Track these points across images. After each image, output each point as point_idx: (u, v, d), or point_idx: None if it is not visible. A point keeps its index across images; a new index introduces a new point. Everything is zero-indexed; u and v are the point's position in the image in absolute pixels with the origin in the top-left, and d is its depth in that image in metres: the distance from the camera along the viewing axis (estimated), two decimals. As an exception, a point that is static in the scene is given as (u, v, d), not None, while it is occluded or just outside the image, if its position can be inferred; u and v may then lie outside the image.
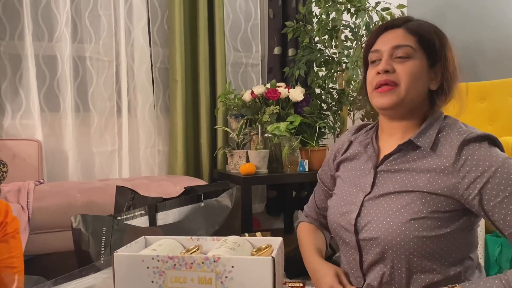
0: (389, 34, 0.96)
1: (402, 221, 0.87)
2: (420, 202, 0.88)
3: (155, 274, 0.78)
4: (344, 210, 1.00)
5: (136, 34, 2.60)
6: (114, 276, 0.80)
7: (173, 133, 2.63)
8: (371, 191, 0.96)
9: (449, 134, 0.91)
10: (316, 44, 2.68)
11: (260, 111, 2.52)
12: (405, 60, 0.93)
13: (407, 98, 0.92)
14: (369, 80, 0.98)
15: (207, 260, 0.76)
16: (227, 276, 0.76)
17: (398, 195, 0.91)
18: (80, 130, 2.52)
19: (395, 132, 0.99)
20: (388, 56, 0.94)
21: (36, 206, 1.84)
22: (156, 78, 2.71)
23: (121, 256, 0.80)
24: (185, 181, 2.20)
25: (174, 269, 0.77)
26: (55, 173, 2.46)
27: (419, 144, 0.92)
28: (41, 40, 2.45)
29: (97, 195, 1.98)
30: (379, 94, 0.94)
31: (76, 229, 1.50)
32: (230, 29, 2.91)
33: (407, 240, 0.86)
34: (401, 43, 0.93)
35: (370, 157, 1.00)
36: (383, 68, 0.93)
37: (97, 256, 1.47)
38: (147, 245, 0.91)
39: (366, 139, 1.04)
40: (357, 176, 1.02)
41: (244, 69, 2.97)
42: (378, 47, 0.96)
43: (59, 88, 2.47)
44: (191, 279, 0.77)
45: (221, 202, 1.67)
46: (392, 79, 0.92)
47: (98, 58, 2.56)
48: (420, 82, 0.93)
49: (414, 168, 0.92)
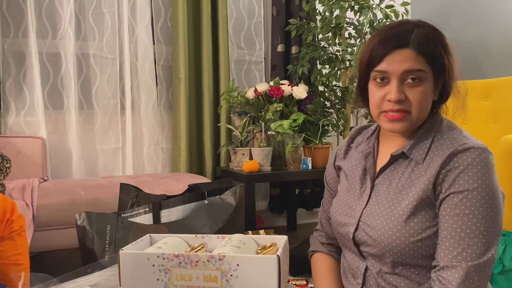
0: (398, 55, 0.89)
1: (400, 230, 0.88)
2: (416, 211, 0.88)
3: (160, 272, 0.78)
4: (342, 221, 0.99)
5: (139, 31, 2.60)
6: (119, 273, 0.80)
7: (176, 131, 2.63)
8: (367, 204, 0.96)
9: (441, 143, 0.90)
10: (320, 41, 2.67)
11: (264, 109, 2.52)
12: (417, 85, 0.88)
13: (417, 121, 0.92)
14: (376, 102, 0.92)
15: (213, 258, 0.76)
16: (232, 274, 0.76)
17: (393, 207, 0.91)
18: (83, 128, 2.53)
19: (396, 138, 0.98)
20: (399, 81, 0.88)
21: (40, 203, 1.85)
22: (160, 75, 2.71)
23: (126, 254, 0.80)
24: (188, 179, 2.21)
25: (180, 267, 0.78)
26: (59, 170, 2.47)
27: (412, 157, 0.92)
28: (45, 38, 2.45)
29: (101, 192, 1.98)
30: (390, 120, 0.91)
31: (80, 226, 1.50)
32: (234, 27, 2.91)
33: (404, 246, 0.87)
34: (413, 67, 0.88)
35: (369, 169, 0.99)
36: (396, 98, 0.88)
37: (102, 253, 1.47)
38: (152, 243, 0.92)
39: (368, 148, 1.02)
40: (355, 187, 1.01)
41: (247, 66, 2.97)
42: (386, 69, 0.90)
43: (63, 85, 2.48)
44: (196, 277, 0.77)
45: (224, 200, 1.67)
46: (403, 108, 0.89)
47: (101, 55, 2.56)
48: (428, 102, 0.92)
49: (406, 178, 0.92)
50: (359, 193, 0.99)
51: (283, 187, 2.97)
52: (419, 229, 0.86)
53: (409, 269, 0.89)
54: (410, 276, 0.89)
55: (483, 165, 0.84)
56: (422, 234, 0.86)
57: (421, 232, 0.86)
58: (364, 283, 0.96)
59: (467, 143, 0.86)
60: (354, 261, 0.98)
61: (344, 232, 0.98)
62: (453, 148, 0.86)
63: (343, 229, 0.99)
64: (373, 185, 0.97)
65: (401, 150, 0.93)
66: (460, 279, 0.80)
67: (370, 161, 0.99)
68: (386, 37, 0.91)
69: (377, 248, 0.91)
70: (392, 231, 0.88)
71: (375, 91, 0.93)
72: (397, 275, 0.90)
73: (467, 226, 0.82)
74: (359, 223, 0.95)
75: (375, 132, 1.04)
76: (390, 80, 0.90)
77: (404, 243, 0.87)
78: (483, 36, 2.83)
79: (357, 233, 0.95)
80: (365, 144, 1.04)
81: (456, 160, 0.85)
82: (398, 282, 0.90)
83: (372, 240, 0.91)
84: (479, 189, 0.83)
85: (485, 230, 0.82)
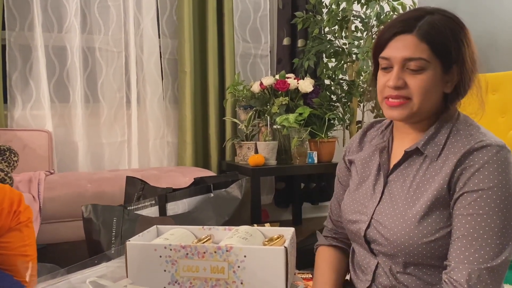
0: (400, 40, 0.87)
1: (413, 230, 0.85)
2: (430, 211, 0.85)
3: (167, 263, 0.78)
4: (354, 218, 0.97)
5: (145, 25, 2.59)
6: (126, 265, 0.80)
7: (182, 125, 2.63)
8: (380, 201, 0.93)
9: (457, 140, 0.86)
10: (326, 34, 2.65)
11: (269, 103, 2.51)
12: (418, 73, 0.85)
13: (420, 110, 0.88)
14: (380, 88, 0.91)
15: (220, 249, 0.76)
16: (240, 266, 0.76)
17: (406, 206, 0.88)
18: (89, 121, 2.53)
19: (410, 131, 0.94)
20: (399, 68, 0.86)
21: (47, 196, 1.86)
22: (165, 69, 2.71)
23: (133, 245, 0.80)
24: (194, 172, 2.21)
25: (187, 258, 0.78)
26: (65, 163, 2.47)
27: (426, 153, 0.89)
28: (51, 31, 2.45)
29: (107, 185, 1.99)
30: (389, 107, 0.89)
31: (87, 218, 1.51)
32: (239, 20, 2.89)
33: (417, 247, 0.85)
34: (413, 55, 0.85)
35: (383, 165, 0.96)
36: (393, 84, 0.86)
37: (108, 245, 1.48)
38: (159, 234, 0.92)
39: (383, 142, 0.99)
40: (368, 183, 0.98)
41: (253, 60, 2.96)
42: (388, 55, 0.88)
43: (68, 79, 2.48)
44: (203, 268, 0.77)
45: (230, 193, 1.67)
46: (403, 94, 0.86)
47: (107, 49, 2.56)
48: (434, 92, 0.87)
49: (421, 176, 0.89)
50: (372, 189, 0.97)
51: (288, 181, 2.96)
52: (433, 230, 0.84)
53: (421, 269, 0.87)
54: (422, 276, 0.87)
55: (500, 163, 0.81)
56: (435, 234, 0.84)
57: (434, 233, 0.84)
58: (374, 280, 0.94)
59: (484, 140, 0.83)
60: (365, 257, 0.96)
61: (356, 229, 0.96)
62: (469, 145, 0.83)
63: (354, 226, 0.97)
64: (387, 181, 0.94)
65: (415, 146, 0.90)
66: (472, 281, 0.77)
67: (385, 157, 0.97)
68: (395, 22, 0.89)
69: (389, 247, 0.88)
70: (405, 231, 0.86)
71: (380, 78, 0.91)
72: (408, 275, 0.88)
73: (480, 227, 0.79)
74: (371, 220, 0.93)
75: (390, 126, 1.01)
76: (393, 67, 0.88)
77: (417, 243, 0.84)
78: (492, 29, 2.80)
79: (369, 231, 0.93)
80: (379, 138, 1.01)
81: (472, 158, 0.82)
82: (409, 282, 0.88)
83: (384, 239, 0.89)
84: (495, 189, 0.80)
85: (499, 231, 0.79)
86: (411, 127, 0.93)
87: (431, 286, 0.87)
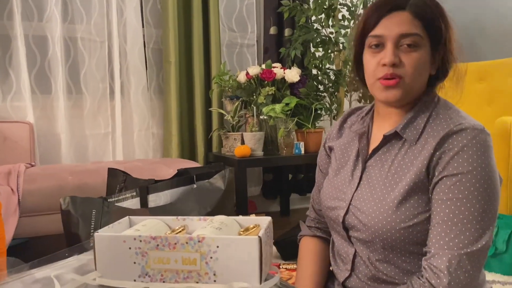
0: (393, 17, 0.85)
1: (391, 215, 0.84)
2: (408, 195, 0.84)
3: (137, 255, 0.75)
4: (332, 205, 0.96)
5: (128, 14, 2.53)
6: (95, 257, 0.77)
7: (167, 116, 2.59)
8: (358, 186, 0.92)
9: (436, 124, 0.85)
10: (313, 23, 2.62)
11: (255, 93, 2.48)
12: (413, 50, 0.84)
13: (412, 91, 0.86)
14: (371, 69, 0.88)
15: (191, 240, 0.73)
16: (212, 256, 0.73)
17: (384, 191, 0.87)
18: (72, 113, 2.48)
19: (391, 116, 0.92)
20: (394, 45, 0.84)
21: (26, 188, 1.82)
22: (150, 59, 2.66)
23: (102, 237, 0.77)
24: (179, 164, 2.17)
25: (157, 250, 0.74)
26: (48, 156, 2.42)
27: (405, 136, 0.87)
28: (31, 20, 2.39)
29: (89, 177, 1.95)
30: (385, 87, 0.86)
31: (65, 211, 1.48)
32: (225, 9, 2.84)
33: (394, 232, 0.83)
34: (409, 31, 0.84)
35: (362, 150, 0.94)
36: (390, 61, 0.84)
37: (87, 238, 1.44)
38: (131, 225, 0.88)
39: (362, 128, 0.97)
40: (347, 169, 0.97)
41: (239, 49, 2.91)
42: (382, 32, 0.86)
43: (50, 69, 2.42)
44: (175, 260, 0.74)
45: (213, 184, 1.65)
46: (399, 73, 0.84)
47: (90, 38, 2.50)
48: (424, 72, 0.87)
49: (399, 161, 0.87)
50: (350, 175, 0.95)
51: (276, 172, 2.94)
52: (411, 215, 0.83)
53: (400, 257, 0.86)
54: (401, 264, 0.86)
55: (479, 146, 0.79)
56: (413, 219, 0.82)
57: (413, 218, 0.82)
58: (353, 269, 0.93)
59: (463, 123, 0.82)
60: (343, 246, 0.95)
61: (334, 216, 0.95)
62: (448, 128, 0.82)
63: (332, 212, 0.95)
64: (365, 166, 0.93)
65: (394, 130, 0.88)
66: (452, 267, 0.76)
67: (364, 142, 0.95)
68: (385, 2, 0.87)
69: (366, 233, 0.87)
70: (383, 216, 0.84)
71: (370, 59, 0.88)
72: (387, 263, 0.87)
73: (460, 211, 0.78)
74: (350, 206, 0.91)
75: (370, 111, 1.00)
76: (385, 45, 0.85)
77: (395, 228, 0.83)
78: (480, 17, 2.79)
79: (347, 217, 0.91)
80: (359, 124, 0.99)
81: (451, 142, 0.81)
82: (389, 271, 0.87)
83: (362, 225, 0.88)
84: (474, 172, 0.78)
85: (479, 216, 0.78)
86: (394, 111, 0.92)
87: (410, 274, 0.86)
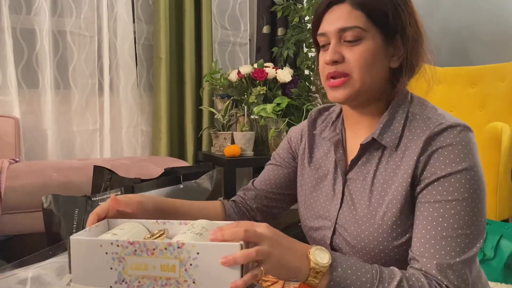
0: (333, 12, 0.81)
1: (381, 234, 0.78)
2: (398, 211, 0.78)
3: (114, 260, 0.72)
4: (316, 224, 0.89)
5: (119, 8, 2.49)
6: (69, 261, 0.74)
7: (156, 113, 2.55)
8: (342, 203, 0.85)
9: (415, 126, 0.79)
10: (306, 23, 2.60)
11: (247, 92, 2.45)
12: (355, 44, 0.79)
13: (364, 87, 0.80)
14: (320, 68, 0.84)
15: (170, 246, 0.70)
16: (192, 264, 0.70)
17: (371, 208, 0.81)
18: (60, 108, 2.43)
19: (361, 121, 0.86)
20: (336, 41, 0.80)
21: (9, 185, 1.77)
22: (140, 55, 2.62)
23: (77, 241, 0.74)
24: (167, 162, 2.14)
25: (135, 255, 0.72)
26: (34, 152, 2.38)
27: (384, 143, 0.81)
28: (19, 13, 2.34)
29: (75, 175, 1.91)
30: (331, 88, 0.81)
31: (47, 209, 1.44)
32: (218, 6, 2.81)
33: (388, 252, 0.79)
34: (347, 24, 0.78)
35: (339, 161, 0.87)
36: (330, 58, 0.79)
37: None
38: (110, 228, 0.86)
39: (336, 136, 0.90)
40: (327, 183, 0.90)
41: (231, 48, 2.88)
42: (324, 30, 0.82)
43: (38, 63, 2.37)
44: (153, 266, 0.71)
45: (200, 185, 1.62)
46: (342, 70, 0.79)
47: (79, 33, 2.46)
48: (376, 65, 0.80)
49: (382, 173, 0.81)
50: (332, 190, 0.88)
51: (266, 172, 2.91)
52: (402, 231, 0.77)
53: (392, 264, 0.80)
54: None
55: (464, 144, 0.75)
56: (405, 235, 0.77)
57: (404, 233, 0.77)
58: None
59: (444, 122, 0.76)
60: None
61: (319, 237, 0.88)
62: (428, 130, 0.77)
63: (317, 233, 0.89)
64: (346, 179, 0.87)
65: (371, 137, 0.82)
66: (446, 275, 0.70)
67: (340, 152, 0.88)
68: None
69: (356, 255, 0.81)
70: (373, 236, 0.79)
71: (320, 58, 0.84)
72: None
73: (450, 215, 0.72)
74: (336, 226, 0.85)
75: (340, 116, 0.93)
76: (330, 43, 0.81)
77: (387, 248, 0.78)
78: (472, 22, 2.78)
79: (335, 238, 0.85)
80: (331, 130, 0.92)
81: (434, 143, 0.76)
82: None
83: (350, 247, 0.82)
84: (463, 172, 0.73)
85: (469, 220, 0.72)
86: (361, 114, 0.86)
87: None
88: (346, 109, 0.89)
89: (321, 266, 0.68)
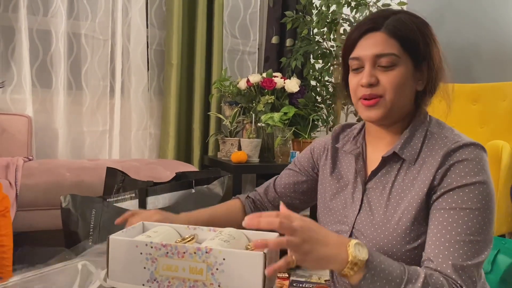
0: (369, 38, 0.88)
1: (396, 238, 0.85)
2: (413, 218, 0.85)
3: (147, 260, 0.78)
4: (335, 229, 0.96)
5: (133, 14, 2.55)
6: (108, 258, 0.80)
7: (165, 117, 2.61)
8: (360, 209, 0.93)
9: (433, 144, 0.88)
10: (315, 36, 2.67)
11: (255, 100, 2.51)
12: (390, 69, 0.86)
13: (394, 108, 0.88)
14: (353, 89, 0.92)
15: (199, 250, 0.76)
16: (218, 268, 0.76)
17: (388, 214, 0.88)
18: (71, 108, 2.49)
19: (384, 136, 0.94)
20: (371, 66, 0.87)
21: (24, 182, 1.82)
22: (152, 60, 2.68)
23: (116, 240, 0.80)
24: (175, 166, 2.20)
25: (167, 257, 0.78)
26: (44, 150, 2.43)
27: (404, 157, 0.89)
28: (36, 14, 2.40)
29: (86, 175, 1.96)
30: (366, 107, 0.89)
31: (65, 209, 1.49)
32: (229, 15, 2.88)
33: (401, 255, 0.85)
34: (384, 51, 0.86)
35: (360, 171, 0.95)
36: (367, 81, 0.87)
37: (86, 236, 1.46)
38: (144, 230, 0.91)
39: (357, 149, 0.98)
40: (347, 192, 0.97)
41: (240, 56, 2.95)
42: (359, 54, 0.89)
43: (52, 64, 2.43)
44: (182, 268, 0.77)
45: (212, 190, 1.67)
46: (376, 92, 0.87)
47: (93, 36, 2.51)
48: (406, 88, 0.88)
49: (400, 183, 0.89)
50: (351, 197, 0.96)
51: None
52: (415, 236, 0.84)
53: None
54: None
55: (478, 160, 0.82)
56: (418, 240, 0.84)
57: (417, 239, 0.84)
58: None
59: (460, 140, 0.85)
60: None
61: None
62: (446, 147, 0.84)
63: None
64: (365, 188, 0.94)
65: (392, 151, 0.90)
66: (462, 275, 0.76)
67: (361, 163, 0.96)
68: (362, 22, 0.91)
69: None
70: (387, 239, 0.85)
71: (352, 79, 0.92)
72: None
73: (463, 221, 0.79)
74: (353, 230, 0.92)
75: (362, 132, 1.01)
76: (364, 66, 0.89)
77: (400, 251, 0.84)
78: (476, 40, 2.86)
79: None
80: (352, 144, 1.01)
81: (450, 159, 0.83)
82: None
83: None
84: (477, 184, 0.80)
85: (480, 228, 0.79)
86: (385, 131, 0.94)
87: None
88: (371, 126, 0.97)
89: (358, 259, 0.72)
